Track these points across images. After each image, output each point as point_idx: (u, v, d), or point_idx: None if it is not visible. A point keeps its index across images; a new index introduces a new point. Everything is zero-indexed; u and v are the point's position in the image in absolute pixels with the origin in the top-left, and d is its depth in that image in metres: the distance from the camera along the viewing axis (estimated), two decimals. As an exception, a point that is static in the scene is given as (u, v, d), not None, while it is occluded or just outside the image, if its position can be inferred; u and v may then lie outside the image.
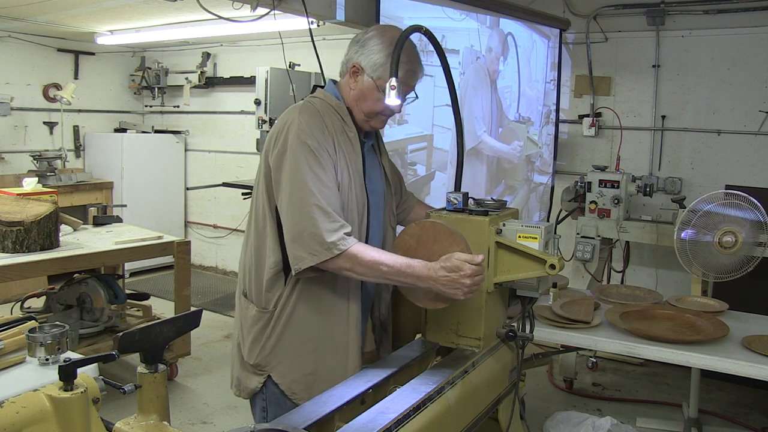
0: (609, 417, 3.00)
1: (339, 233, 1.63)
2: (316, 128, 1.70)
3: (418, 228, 1.68)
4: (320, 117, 1.74)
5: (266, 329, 1.78)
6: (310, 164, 1.66)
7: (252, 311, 1.81)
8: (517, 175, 4.33)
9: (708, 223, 3.00)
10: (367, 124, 1.85)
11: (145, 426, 1.19)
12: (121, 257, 3.69)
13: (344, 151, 1.76)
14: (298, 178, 1.66)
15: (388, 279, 1.66)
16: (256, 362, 1.80)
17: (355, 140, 1.80)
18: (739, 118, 4.23)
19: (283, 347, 1.77)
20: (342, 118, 1.80)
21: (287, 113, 1.76)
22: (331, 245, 1.61)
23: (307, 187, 1.64)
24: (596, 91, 4.66)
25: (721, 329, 2.48)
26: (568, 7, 4.61)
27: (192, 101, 6.49)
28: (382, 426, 1.28)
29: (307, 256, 1.63)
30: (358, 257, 1.63)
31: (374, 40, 1.78)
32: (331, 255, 1.61)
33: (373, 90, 1.78)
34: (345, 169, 1.75)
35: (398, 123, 3.35)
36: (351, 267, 1.64)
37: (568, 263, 4.54)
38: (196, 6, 2.88)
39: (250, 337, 1.81)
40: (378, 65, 1.76)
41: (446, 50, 2.35)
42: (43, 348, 1.84)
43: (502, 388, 1.82)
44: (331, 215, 1.64)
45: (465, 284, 1.58)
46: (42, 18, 5.18)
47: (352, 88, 1.81)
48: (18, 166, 6.05)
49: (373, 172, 1.90)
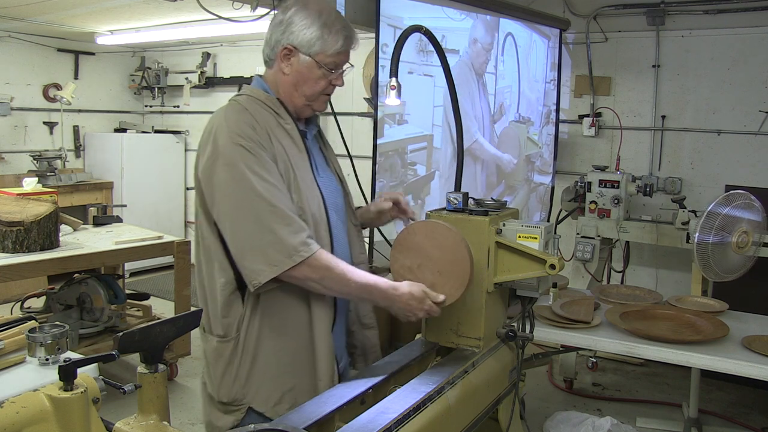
0: (609, 417, 3.00)
1: (300, 237, 1.49)
2: (246, 126, 1.54)
3: (423, 226, 1.67)
4: (249, 114, 1.58)
5: (234, 359, 1.60)
6: (249, 166, 1.50)
7: (213, 343, 1.63)
8: (517, 175, 4.33)
9: (724, 224, 2.99)
10: (309, 108, 1.69)
11: (145, 426, 1.19)
12: (121, 257, 3.69)
13: (283, 146, 1.60)
14: (239, 185, 1.49)
15: (352, 295, 1.58)
16: (231, 399, 1.62)
17: (294, 132, 1.64)
18: (739, 118, 4.22)
19: (260, 372, 1.61)
20: (275, 111, 1.64)
21: (212, 118, 1.61)
22: (293, 252, 1.47)
23: (254, 191, 1.48)
24: (596, 91, 4.66)
25: (721, 329, 2.48)
26: (568, 7, 4.61)
27: (192, 101, 6.50)
28: (382, 426, 1.28)
29: (266, 268, 1.48)
30: (327, 268, 1.50)
31: (299, 15, 1.62)
32: (293, 263, 1.47)
33: (314, 68, 1.63)
34: (287, 165, 1.58)
35: (398, 123, 3.35)
36: (319, 278, 1.51)
37: (568, 263, 4.54)
38: (196, 6, 2.88)
39: (217, 372, 1.62)
40: (314, 40, 1.61)
41: (446, 50, 2.35)
42: (43, 348, 1.84)
43: (502, 388, 1.82)
44: (287, 218, 1.49)
45: (417, 315, 1.60)
46: (42, 18, 5.19)
47: (287, 73, 1.64)
48: (18, 166, 6.06)
49: (322, 165, 1.76)
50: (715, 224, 2.87)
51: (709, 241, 2.87)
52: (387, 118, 3.27)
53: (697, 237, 2.89)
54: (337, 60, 1.65)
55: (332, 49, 1.63)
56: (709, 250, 2.88)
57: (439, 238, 1.63)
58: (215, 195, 1.54)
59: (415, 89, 3.39)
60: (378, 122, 3.16)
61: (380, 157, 3.22)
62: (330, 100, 1.90)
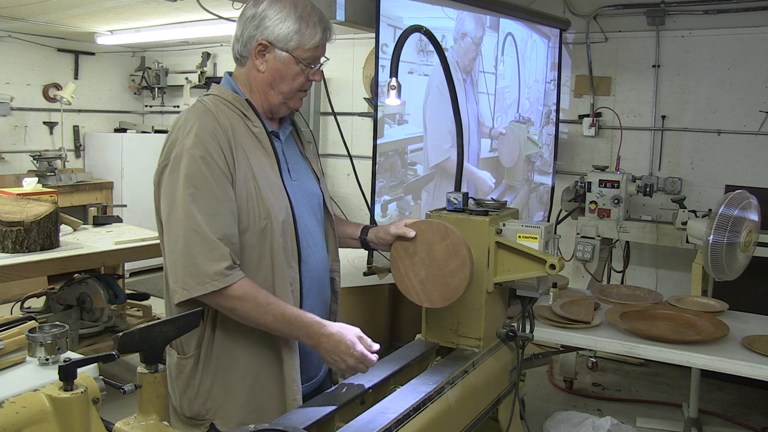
0: (609, 417, 3.00)
1: (218, 265, 1.40)
2: (205, 132, 1.45)
3: (424, 225, 1.66)
4: (213, 117, 1.48)
5: (195, 375, 1.54)
6: (192, 180, 1.41)
7: (174, 358, 1.58)
8: (517, 175, 4.33)
9: (733, 224, 2.98)
10: (285, 107, 1.61)
11: (145, 426, 1.19)
12: (121, 257, 3.69)
13: (246, 151, 1.50)
14: (175, 197, 1.42)
15: (270, 327, 1.45)
16: (193, 414, 1.56)
17: (261, 135, 1.55)
18: (739, 118, 4.23)
19: (223, 389, 1.53)
20: (242, 113, 1.55)
21: (176, 119, 1.53)
22: (206, 278, 1.39)
23: (185, 208, 1.40)
24: (596, 91, 4.66)
25: (721, 329, 2.48)
26: (568, 7, 4.61)
27: (192, 101, 6.49)
28: (382, 426, 1.28)
29: (178, 290, 1.41)
30: (241, 299, 1.41)
31: (273, 9, 1.53)
32: (205, 291, 1.39)
33: (291, 64, 1.54)
34: (249, 174, 1.49)
35: (398, 123, 3.35)
36: (231, 308, 1.43)
37: (568, 263, 4.54)
38: (196, 6, 2.88)
39: (179, 387, 1.57)
40: (291, 34, 1.52)
41: (446, 50, 2.35)
42: (43, 348, 1.84)
43: (502, 388, 1.82)
44: (210, 242, 1.40)
45: (346, 362, 1.46)
46: (42, 18, 5.19)
47: (263, 71, 1.55)
48: (18, 166, 6.06)
49: (298, 165, 1.67)
50: (728, 225, 2.87)
51: (723, 242, 2.87)
52: (387, 118, 3.27)
53: (712, 239, 2.86)
54: (315, 54, 1.57)
55: (310, 43, 1.55)
56: (723, 251, 2.88)
57: (448, 248, 1.60)
58: (160, 201, 1.49)
59: (415, 89, 3.39)
60: (378, 122, 3.16)
61: (380, 157, 3.22)
62: (330, 101, 1.89)
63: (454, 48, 3.59)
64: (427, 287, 1.64)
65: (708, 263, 2.90)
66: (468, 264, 1.59)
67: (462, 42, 3.65)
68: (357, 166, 2.94)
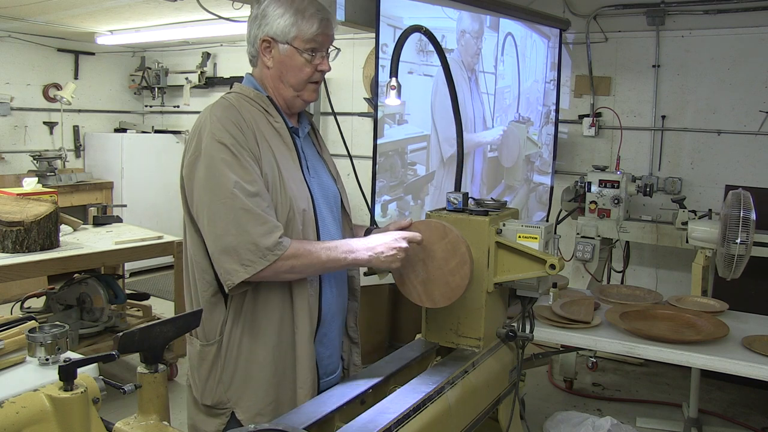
0: (609, 417, 3.00)
1: (273, 236, 1.47)
2: (231, 124, 1.52)
3: (422, 226, 1.67)
4: (236, 111, 1.55)
5: (218, 363, 1.59)
6: (228, 164, 1.48)
7: (197, 347, 1.63)
8: (517, 175, 4.33)
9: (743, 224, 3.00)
10: (299, 99, 1.66)
11: (145, 426, 1.19)
12: (121, 257, 3.69)
13: (270, 144, 1.57)
14: (216, 183, 1.48)
15: (327, 268, 1.56)
16: (215, 402, 1.60)
17: (283, 130, 1.62)
18: (739, 118, 4.23)
19: (244, 378, 1.59)
20: (264, 109, 1.62)
21: (200, 115, 1.59)
22: (267, 251, 1.45)
23: (229, 191, 1.46)
24: (596, 91, 4.66)
25: (721, 329, 2.48)
26: (568, 7, 4.61)
27: (192, 101, 6.50)
28: (382, 426, 1.28)
29: (240, 269, 1.46)
30: (296, 255, 1.48)
31: (272, 6, 1.60)
32: (268, 263, 1.45)
33: (294, 55, 1.60)
34: (273, 163, 1.56)
35: (398, 123, 3.35)
36: (290, 267, 1.49)
37: (568, 263, 4.54)
38: (196, 6, 2.89)
39: (202, 375, 1.61)
40: (288, 27, 1.59)
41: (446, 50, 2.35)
42: (43, 348, 1.85)
43: (502, 388, 1.82)
44: (260, 217, 1.47)
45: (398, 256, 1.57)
46: (42, 18, 5.19)
47: (270, 66, 1.63)
48: (18, 166, 6.06)
49: (316, 163, 1.73)
50: (740, 226, 2.89)
51: (737, 243, 2.89)
52: (387, 118, 3.27)
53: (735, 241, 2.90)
54: (315, 44, 1.61)
55: (308, 33, 1.59)
56: (737, 252, 2.89)
57: (447, 247, 1.61)
58: (194, 193, 1.53)
59: (415, 89, 3.40)
60: (378, 122, 3.16)
61: (380, 157, 3.22)
62: (330, 101, 1.89)
63: (457, 48, 3.61)
64: (428, 287, 1.64)
65: (721, 265, 2.91)
66: (468, 261, 1.59)
67: (462, 39, 3.67)
68: (357, 166, 2.92)
